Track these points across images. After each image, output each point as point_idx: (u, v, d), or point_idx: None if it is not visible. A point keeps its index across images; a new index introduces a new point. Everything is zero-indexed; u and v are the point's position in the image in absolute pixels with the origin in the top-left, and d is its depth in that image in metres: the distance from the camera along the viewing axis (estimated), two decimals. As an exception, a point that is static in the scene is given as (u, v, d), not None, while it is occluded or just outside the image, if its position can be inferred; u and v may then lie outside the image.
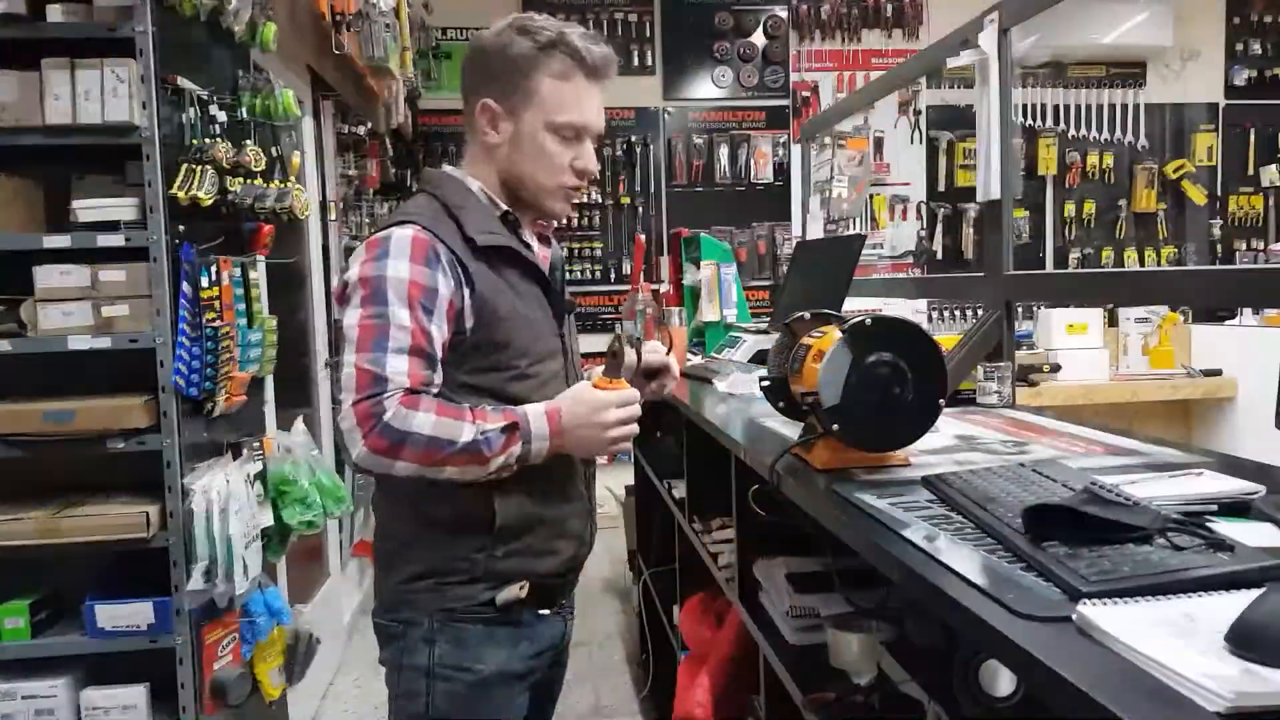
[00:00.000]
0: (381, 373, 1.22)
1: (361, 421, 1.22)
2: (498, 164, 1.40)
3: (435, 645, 1.36)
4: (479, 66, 1.39)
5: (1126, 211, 5.88)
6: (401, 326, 1.24)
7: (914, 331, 1.25)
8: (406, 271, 1.26)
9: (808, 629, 1.56)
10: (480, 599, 1.36)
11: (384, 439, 1.21)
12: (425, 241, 1.28)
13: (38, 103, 1.97)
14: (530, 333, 1.37)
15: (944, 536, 0.97)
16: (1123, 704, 0.59)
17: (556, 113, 1.35)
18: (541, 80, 1.34)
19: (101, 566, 2.14)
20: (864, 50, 5.82)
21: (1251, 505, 1.03)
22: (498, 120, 1.37)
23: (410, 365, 1.24)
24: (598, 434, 1.32)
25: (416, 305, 1.25)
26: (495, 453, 1.25)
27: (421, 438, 1.22)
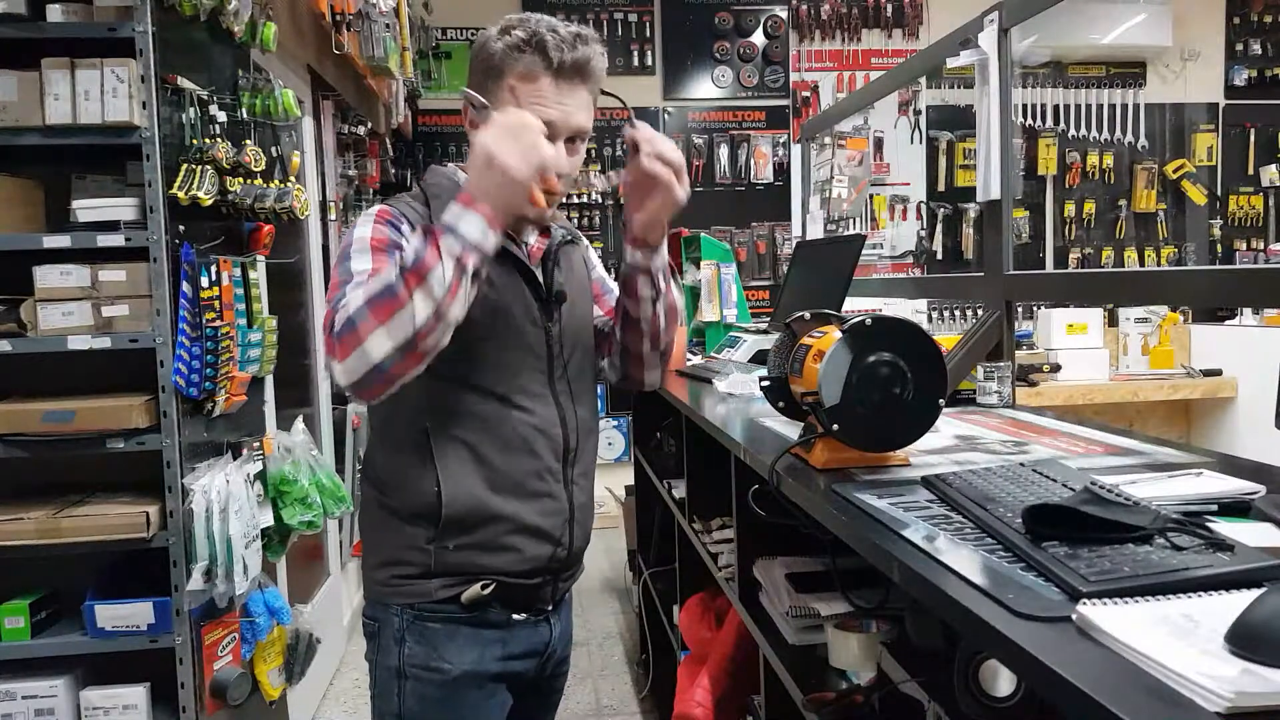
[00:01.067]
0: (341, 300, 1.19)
1: (328, 348, 1.17)
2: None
3: (404, 644, 1.36)
4: (470, 63, 1.39)
5: (1126, 211, 5.88)
6: (361, 270, 1.23)
7: (914, 331, 1.25)
8: (369, 231, 1.29)
9: (808, 629, 1.56)
10: (438, 596, 1.35)
11: (340, 339, 1.14)
12: (389, 211, 1.33)
13: (38, 103, 1.97)
14: (496, 317, 1.33)
15: (944, 536, 0.97)
16: (1123, 704, 0.59)
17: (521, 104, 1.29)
18: (508, 81, 1.31)
19: (101, 566, 2.14)
20: (864, 50, 5.82)
21: (1251, 505, 1.03)
22: (476, 118, 1.34)
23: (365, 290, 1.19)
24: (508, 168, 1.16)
25: (377, 251, 1.26)
26: (430, 261, 1.13)
27: (362, 309, 1.13)
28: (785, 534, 1.64)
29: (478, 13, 5.55)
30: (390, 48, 3.78)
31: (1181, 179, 5.84)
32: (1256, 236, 5.92)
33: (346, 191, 3.96)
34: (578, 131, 1.33)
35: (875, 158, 5.70)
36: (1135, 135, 5.80)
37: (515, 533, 1.36)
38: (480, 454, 1.33)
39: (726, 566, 1.92)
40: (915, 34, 5.77)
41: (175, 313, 2.03)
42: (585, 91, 1.33)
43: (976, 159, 2.20)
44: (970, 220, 5.78)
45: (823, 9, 5.75)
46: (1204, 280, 1.63)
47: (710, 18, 5.69)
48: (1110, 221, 5.90)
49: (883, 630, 1.43)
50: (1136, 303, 4.41)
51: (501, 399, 1.34)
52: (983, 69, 2.11)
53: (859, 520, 1.07)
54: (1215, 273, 2.09)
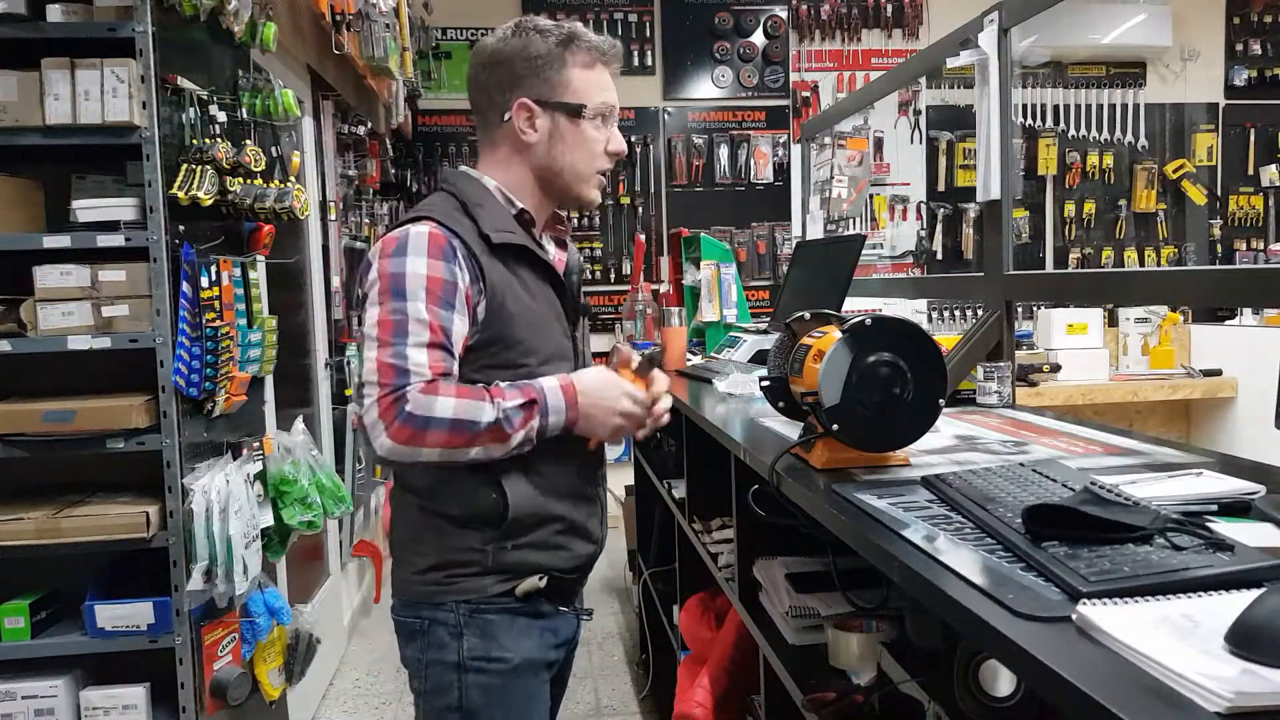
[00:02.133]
0: (403, 365, 1.24)
1: (384, 414, 1.23)
2: (533, 161, 1.42)
3: (464, 638, 1.38)
4: (501, 72, 1.40)
5: (1126, 211, 5.88)
6: (420, 320, 1.26)
7: (914, 331, 1.25)
8: (424, 267, 1.28)
9: (808, 629, 1.56)
10: (492, 591, 1.38)
11: (407, 428, 1.23)
12: (441, 237, 1.30)
13: (38, 103, 1.97)
14: (540, 332, 1.39)
15: (944, 536, 0.97)
16: (1123, 704, 0.59)
17: (591, 98, 1.40)
18: (571, 71, 1.39)
19: (101, 566, 2.14)
20: (864, 50, 5.82)
21: (1251, 505, 1.03)
22: (535, 118, 1.39)
23: (430, 358, 1.26)
24: (608, 417, 1.36)
25: (435, 299, 1.27)
26: (515, 429, 1.28)
27: (445, 421, 1.24)
28: (785, 534, 1.64)
29: (478, 13, 5.55)
30: (390, 48, 3.78)
31: (1181, 179, 5.84)
32: (1256, 236, 5.92)
33: (346, 191, 3.96)
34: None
35: (875, 158, 5.70)
36: (1135, 135, 5.80)
37: (565, 533, 1.43)
38: (533, 461, 1.36)
39: (726, 566, 1.92)
40: (915, 34, 5.77)
41: (175, 313, 2.03)
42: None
43: (976, 159, 2.20)
44: (970, 220, 5.78)
45: (823, 9, 5.75)
46: (1204, 280, 1.63)
47: (710, 18, 5.69)
48: (1110, 221, 5.90)
49: (883, 630, 1.43)
50: (1136, 303, 4.41)
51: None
52: (983, 69, 2.11)
53: (859, 520, 1.07)
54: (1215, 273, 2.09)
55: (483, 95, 1.42)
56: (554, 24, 1.40)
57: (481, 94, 1.43)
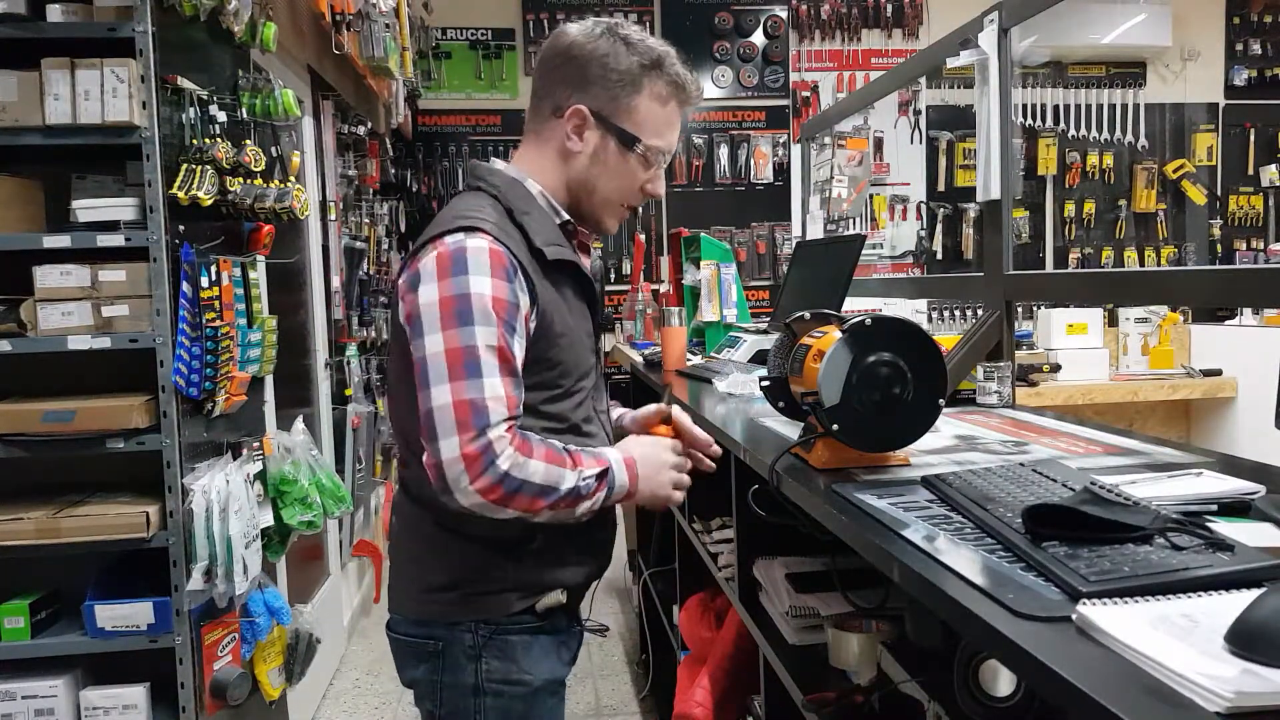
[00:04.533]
0: (481, 401, 1.14)
1: (471, 465, 1.14)
2: (570, 171, 1.34)
3: (481, 660, 1.31)
4: (572, 69, 1.31)
5: (1126, 211, 5.88)
6: (491, 347, 1.17)
7: (914, 331, 1.25)
8: (489, 287, 1.18)
9: (808, 629, 1.56)
10: (515, 608, 1.32)
11: (499, 488, 1.15)
12: (502, 254, 1.21)
13: (38, 102, 1.97)
14: (577, 352, 1.33)
15: (944, 536, 0.97)
16: (1123, 704, 0.59)
17: (649, 136, 1.32)
18: (642, 100, 1.31)
19: (101, 566, 2.14)
20: (864, 50, 5.82)
21: (1251, 505, 1.03)
22: (585, 129, 1.31)
23: (505, 389, 1.17)
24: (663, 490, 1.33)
25: (502, 322, 1.18)
26: (585, 499, 1.23)
27: (534, 487, 1.18)
28: (785, 534, 1.64)
29: (478, 13, 5.55)
30: (390, 48, 3.78)
31: (1181, 179, 5.84)
32: (1256, 236, 5.92)
33: (346, 191, 3.96)
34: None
35: (875, 158, 5.70)
36: (1135, 135, 5.80)
37: (584, 549, 1.39)
38: None
39: (726, 566, 1.92)
40: (915, 34, 5.77)
41: (175, 313, 2.03)
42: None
43: (976, 159, 2.20)
44: (970, 220, 5.78)
45: (823, 9, 5.75)
46: (1204, 280, 1.63)
47: (710, 18, 5.69)
48: (1110, 221, 5.90)
49: (883, 630, 1.43)
50: (1136, 303, 4.41)
51: (573, 427, 1.34)
52: (983, 69, 2.11)
53: (859, 520, 1.07)
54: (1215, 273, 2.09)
55: (546, 82, 1.34)
56: (650, 43, 1.31)
57: (546, 80, 1.34)
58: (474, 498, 1.15)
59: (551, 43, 1.34)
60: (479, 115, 5.57)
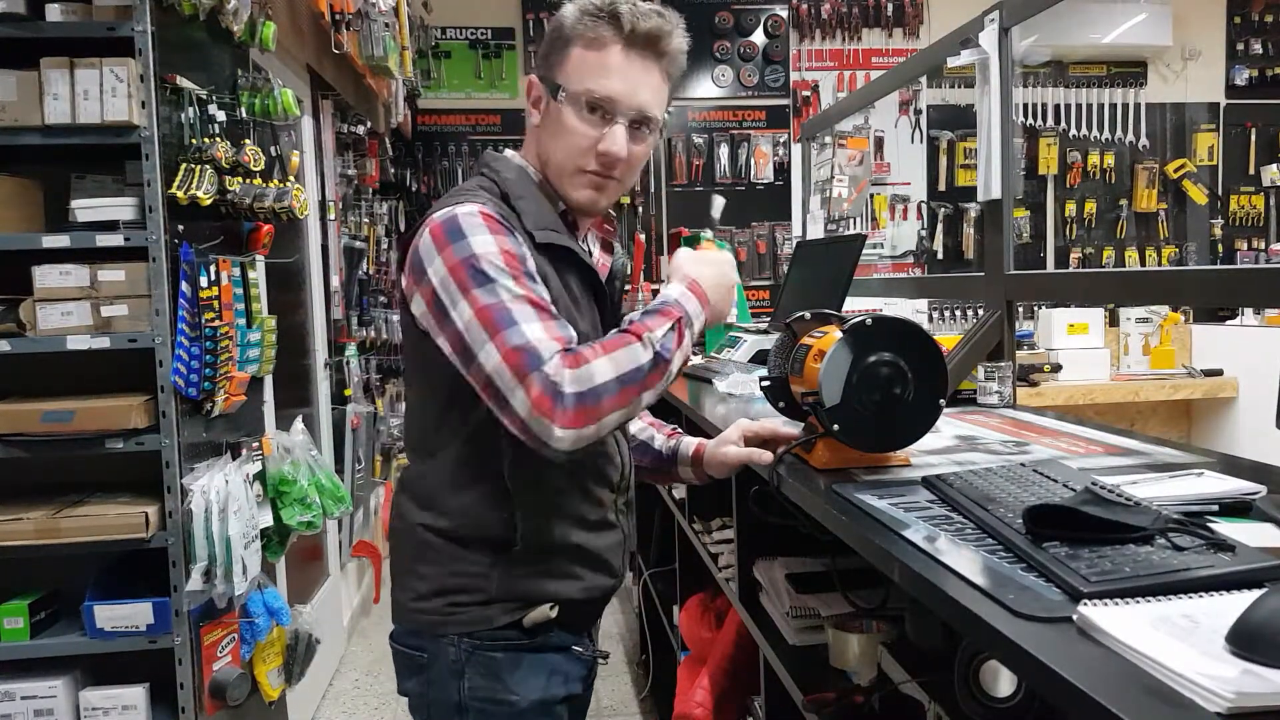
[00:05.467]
0: (525, 346, 1.09)
1: (544, 408, 1.07)
2: (537, 147, 1.29)
3: (464, 677, 1.25)
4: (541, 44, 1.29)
5: (1127, 211, 5.87)
6: (517, 295, 1.12)
7: (914, 331, 1.24)
8: (492, 244, 1.14)
9: (808, 629, 1.56)
10: (499, 622, 1.25)
11: (580, 408, 1.08)
12: (494, 215, 1.18)
13: (37, 102, 1.97)
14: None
15: (944, 537, 0.97)
16: (1123, 704, 0.59)
17: (579, 81, 1.22)
18: (575, 49, 1.22)
19: (101, 567, 2.13)
20: (864, 50, 5.82)
21: (1252, 505, 1.03)
22: (538, 98, 1.26)
23: (546, 329, 1.11)
24: (727, 295, 1.26)
25: (520, 271, 1.14)
26: (673, 355, 1.15)
27: (612, 385, 1.09)
28: (785, 534, 1.64)
29: (478, 13, 5.55)
30: (390, 47, 3.78)
31: (1182, 179, 5.84)
32: (1257, 236, 5.92)
33: (346, 191, 3.96)
34: (642, 112, 1.24)
35: (876, 157, 5.69)
36: (1136, 135, 5.80)
37: (581, 561, 1.30)
38: (556, 486, 1.26)
39: (726, 567, 1.91)
40: (915, 33, 5.77)
41: (174, 313, 2.03)
42: (657, 71, 1.25)
43: (977, 158, 2.20)
44: (971, 220, 5.78)
45: (823, 8, 5.75)
46: (1205, 280, 1.63)
47: (710, 17, 5.69)
48: (1111, 221, 5.90)
49: (883, 630, 1.43)
50: (1137, 303, 4.40)
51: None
52: (983, 68, 2.11)
53: (859, 520, 1.06)
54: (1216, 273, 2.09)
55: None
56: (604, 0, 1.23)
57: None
58: (569, 435, 1.08)
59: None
60: (479, 115, 5.57)
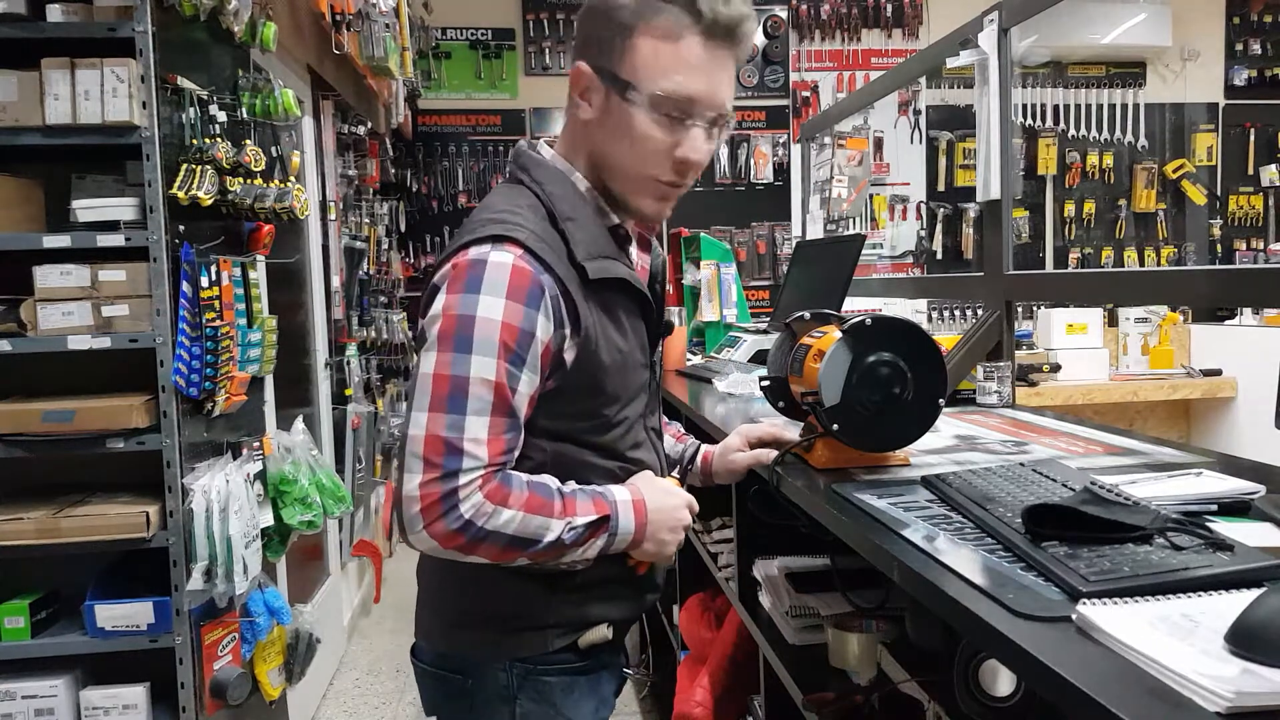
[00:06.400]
0: (457, 442, 1.01)
1: (429, 508, 1.00)
2: (589, 145, 1.15)
3: (516, 703, 1.17)
4: (583, 26, 1.14)
5: (1126, 211, 5.88)
6: (486, 381, 1.02)
7: (914, 331, 1.25)
8: (499, 311, 1.02)
9: (808, 629, 1.56)
10: (554, 646, 1.18)
11: (459, 536, 1.02)
12: (528, 274, 1.04)
13: (38, 102, 1.97)
14: (626, 376, 1.17)
15: (944, 536, 0.97)
16: (1123, 704, 0.59)
17: (653, 79, 1.07)
18: (642, 39, 1.07)
19: (101, 566, 2.13)
20: (864, 50, 5.82)
21: (1251, 505, 1.03)
22: (590, 90, 1.11)
23: (491, 431, 1.02)
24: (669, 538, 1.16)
25: (508, 352, 1.03)
26: (572, 548, 1.08)
27: (503, 537, 1.04)
28: (785, 534, 1.64)
29: (478, 13, 5.55)
30: (390, 48, 3.78)
31: (1181, 179, 5.84)
32: (1256, 236, 5.92)
33: (346, 191, 3.96)
34: (722, 113, 1.14)
35: (875, 158, 5.69)
36: (1135, 135, 5.80)
37: (634, 582, 1.24)
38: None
39: (726, 566, 1.92)
40: (915, 34, 5.77)
41: (175, 312, 2.03)
42: (733, 61, 1.13)
43: (976, 159, 2.20)
44: (970, 220, 5.78)
45: (823, 9, 5.75)
46: (1204, 280, 1.63)
47: (710, 18, 5.69)
48: (1110, 221, 5.90)
49: (883, 630, 1.43)
50: (1136, 303, 4.41)
51: (621, 456, 1.19)
52: (983, 69, 2.11)
53: (859, 520, 1.07)
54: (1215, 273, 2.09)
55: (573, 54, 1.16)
56: None
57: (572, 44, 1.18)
58: (427, 542, 1.02)
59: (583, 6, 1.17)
60: (479, 115, 5.57)
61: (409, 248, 5.49)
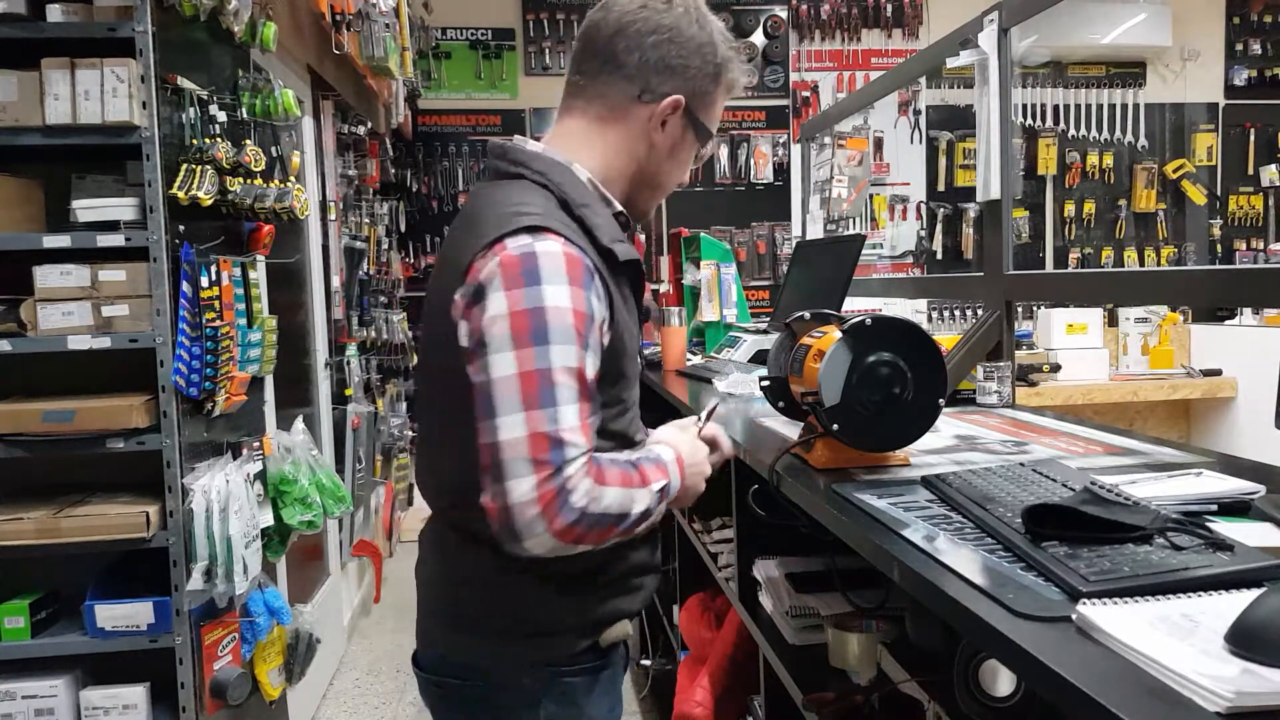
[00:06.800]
0: (559, 435, 1.01)
1: (548, 507, 1.00)
2: (641, 161, 1.20)
3: (541, 707, 1.17)
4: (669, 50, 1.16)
5: (1126, 211, 5.88)
6: (570, 369, 1.02)
7: (914, 331, 1.25)
8: (567, 299, 1.03)
9: (808, 629, 1.56)
10: (579, 647, 1.19)
11: (576, 527, 1.02)
12: (578, 259, 1.05)
13: (38, 102, 1.97)
14: (635, 360, 1.20)
15: (944, 536, 0.97)
16: (1123, 704, 0.59)
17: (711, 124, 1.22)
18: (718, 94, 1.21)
19: (101, 566, 2.14)
20: (864, 50, 5.82)
21: (1251, 505, 1.03)
22: (671, 122, 1.18)
23: (582, 417, 1.04)
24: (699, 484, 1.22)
25: (581, 339, 1.04)
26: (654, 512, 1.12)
27: (610, 517, 1.05)
28: (785, 534, 1.64)
29: (478, 13, 5.55)
30: (390, 48, 3.78)
31: (1181, 179, 5.84)
32: (1256, 236, 5.92)
33: (346, 191, 3.96)
34: None
35: (875, 158, 5.69)
36: (1135, 135, 5.80)
37: (645, 572, 1.26)
38: None
39: (726, 566, 1.92)
40: (915, 34, 5.77)
41: (175, 312, 2.03)
42: None
43: (976, 159, 2.20)
44: (970, 220, 5.78)
45: (823, 9, 5.75)
46: (1204, 280, 1.63)
47: (710, 18, 5.69)
48: (1110, 221, 5.90)
49: (883, 630, 1.43)
50: (1136, 303, 4.41)
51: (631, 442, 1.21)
52: (983, 69, 2.11)
53: (859, 520, 1.07)
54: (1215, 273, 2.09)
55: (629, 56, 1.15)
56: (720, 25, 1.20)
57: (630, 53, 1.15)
58: (549, 542, 1.01)
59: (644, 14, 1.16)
60: (479, 115, 5.57)
61: (409, 248, 5.49)
